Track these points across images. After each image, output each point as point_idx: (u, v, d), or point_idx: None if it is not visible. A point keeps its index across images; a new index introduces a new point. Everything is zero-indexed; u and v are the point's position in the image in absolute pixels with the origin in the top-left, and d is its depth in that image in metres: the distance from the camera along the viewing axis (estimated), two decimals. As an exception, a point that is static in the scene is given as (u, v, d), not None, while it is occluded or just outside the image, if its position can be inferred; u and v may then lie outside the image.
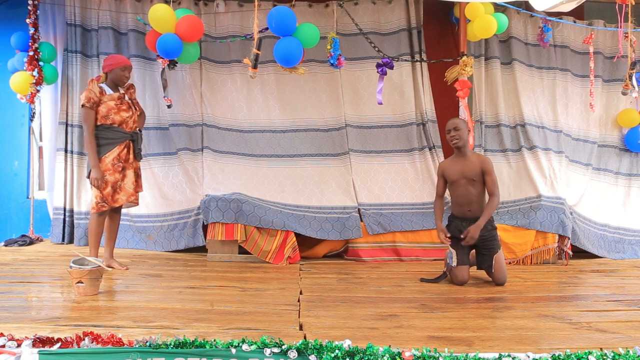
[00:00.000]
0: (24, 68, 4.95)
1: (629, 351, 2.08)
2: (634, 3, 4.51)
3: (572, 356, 2.03)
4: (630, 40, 4.91)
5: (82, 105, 3.89)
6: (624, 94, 4.98)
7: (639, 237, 5.25)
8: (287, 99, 5.21)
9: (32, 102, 5.05)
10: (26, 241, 5.08)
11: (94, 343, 2.04)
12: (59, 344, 2.03)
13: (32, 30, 4.99)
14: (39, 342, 2.04)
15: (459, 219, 3.81)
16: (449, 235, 3.77)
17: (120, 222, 5.06)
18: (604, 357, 2.03)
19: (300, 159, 5.13)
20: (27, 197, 5.54)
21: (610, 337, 2.46)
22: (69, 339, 2.06)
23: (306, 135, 5.18)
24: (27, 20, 4.99)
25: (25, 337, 2.06)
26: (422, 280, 3.81)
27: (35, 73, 4.93)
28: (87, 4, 5.23)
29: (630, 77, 4.89)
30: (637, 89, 4.94)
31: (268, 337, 2.06)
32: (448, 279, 3.82)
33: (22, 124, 5.60)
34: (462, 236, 3.68)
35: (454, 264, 3.69)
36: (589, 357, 2.02)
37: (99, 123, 3.91)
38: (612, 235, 5.16)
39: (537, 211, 4.70)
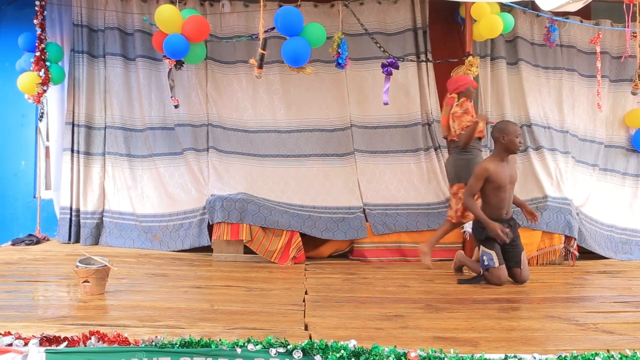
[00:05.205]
0: (31, 68, 4.98)
1: (636, 353, 2.07)
2: (641, 2, 4.48)
3: (579, 357, 2.02)
4: (638, 40, 4.88)
5: (462, 134, 4.13)
6: (633, 94, 4.94)
7: (647, 238, 5.22)
8: (292, 99, 5.21)
9: (39, 102, 5.07)
10: (33, 240, 5.10)
11: (100, 342, 2.05)
12: (65, 343, 2.04)
13: (39, 31, 5.01)
14: (46, 341, 2.05)
15: (495, 221, 3.73)
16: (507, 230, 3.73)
17: (126, 222, 5.12)
18: (611, 359, 2.02)
19: (306, 159, 5.12)
20: (34, 197, 5.57)
21: (617, 339, 2.45)
22: (75, 338, 2.07)
23: (311, 136, 5.18)
24: (35, 21, 5.02)
25: (32, 335, 2.07)
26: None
27: (41, 73, 4.95)
28: (93, 5, 5.25)
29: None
30: (645, 89, 4.91)
31: (273, 337, 2.07)
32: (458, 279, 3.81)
33: (29, 124, 5.62)
34: (533, 217, 3.84)
35: (497, 264, 3.69)
36: (596, 358, 2.01)
37: (477, 137, 4.22)
38: (619, 236, 5.12)
39: (543, 212, 4.68)
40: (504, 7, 4.88)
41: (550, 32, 5.07)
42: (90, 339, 2.06)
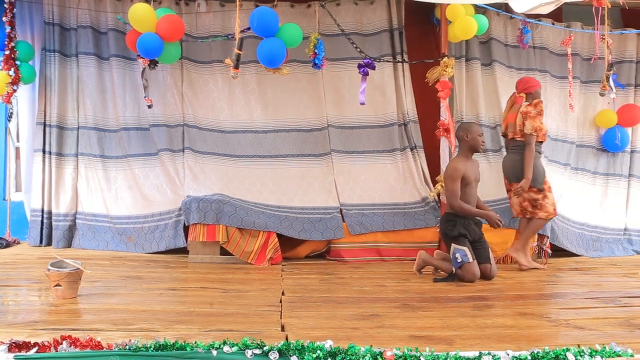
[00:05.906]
0: (0, 67, 4.85)
1: (605, 347, 2.12)
2: (610, 6, 4.59)
3: (551, 353, 2.06)
4: (607, 42, 5.00)
5: (530, 134, 4.29)
6: (601, 95, 5.06)
7: (616, 236, 5.36)
8: (268, 99, 5.20)
9: (9, 102, 4.96)
10: (2, 244, 4.98)
11: (72, 347, 2.01)
12: (35, 349, 2.00)
13: (8, 29, 4.90)
14: (15, 346, 2.00)
15: (463, 218, 3.90)
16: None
17: (100, 224, 5.04)
18: (581, 354, 2.07)
19: (283, 159, 5.11)
20: (4, 199, 5.44)
21: (588, 334, 2.51)
22: (46, 343, 2.03)
23: (288, 136, 5.17)
24: (4, 19, 4.90)
25: (1, 341, 2.02)
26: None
27: (11, 72, 4.84)
28: (65, 3, 5.14)
29: (608, 78, 4.98)
30: (614, 90, 5.03)
31: (249, 339, 2.06)
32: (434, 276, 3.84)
33: (-2, 124, 5.50)
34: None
35: (471, 259, 3.77)
36: (567, 354, 2.05)
37: (539, 140, 4.41)
38: (590, 234, 5.25)
39: (517, 210, 4.75)
40: (478, 9, 4.95)
41: (523, 34, 5.16)
42: (61, 344, 2.02)
